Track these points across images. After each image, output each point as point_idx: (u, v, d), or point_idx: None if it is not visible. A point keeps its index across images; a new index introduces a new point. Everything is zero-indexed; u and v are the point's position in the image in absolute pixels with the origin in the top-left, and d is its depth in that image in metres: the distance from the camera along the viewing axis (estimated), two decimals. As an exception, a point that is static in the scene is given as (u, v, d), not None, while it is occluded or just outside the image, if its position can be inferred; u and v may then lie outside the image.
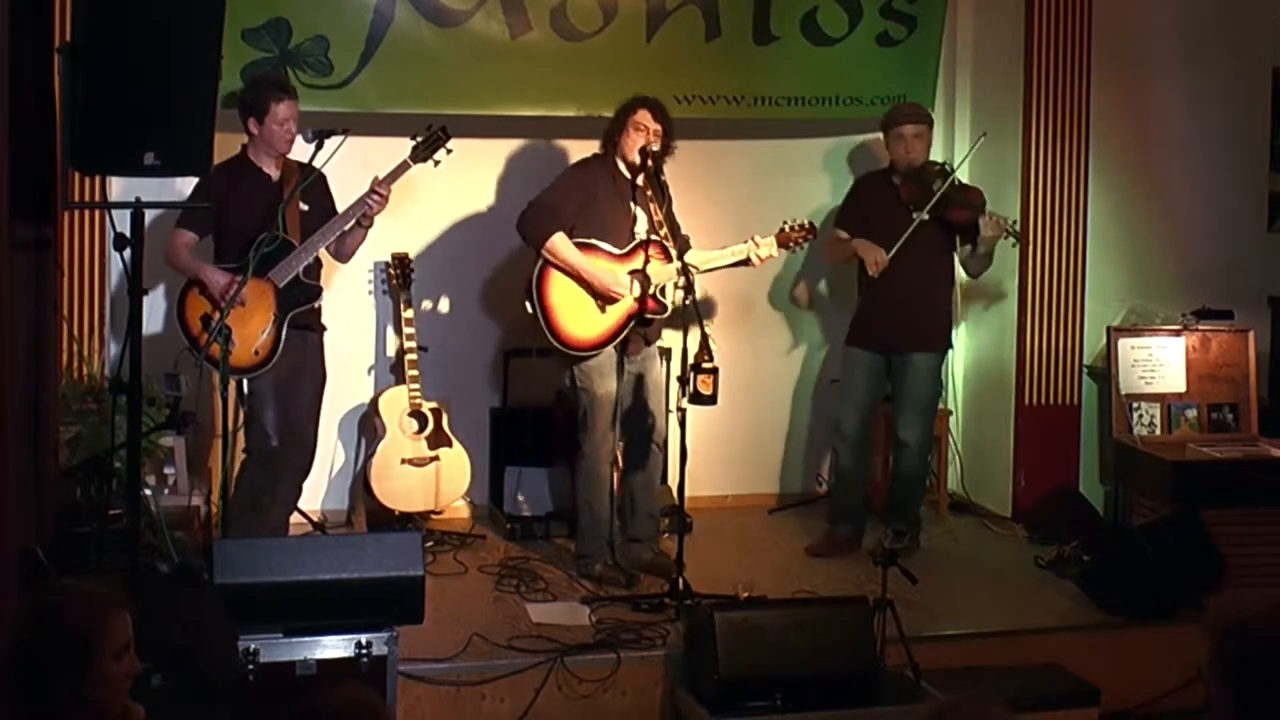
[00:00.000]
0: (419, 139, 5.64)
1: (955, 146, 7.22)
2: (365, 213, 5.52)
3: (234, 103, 5.59)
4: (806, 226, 5.91)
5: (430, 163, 5.65)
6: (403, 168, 5.58)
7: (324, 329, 5.74)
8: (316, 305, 5.62)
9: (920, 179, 6.21)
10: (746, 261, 5.91)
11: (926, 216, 6.13)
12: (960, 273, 6.56)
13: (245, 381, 5.50)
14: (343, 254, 5.73)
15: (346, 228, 5.55)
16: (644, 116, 5.77)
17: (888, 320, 6.23)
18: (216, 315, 5.28)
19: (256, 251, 5.31)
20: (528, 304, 5.79)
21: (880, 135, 6.42)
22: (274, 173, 5.57)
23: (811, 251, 6.59)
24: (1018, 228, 6.36)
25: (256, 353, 5.44)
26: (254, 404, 5.55)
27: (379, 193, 5.51)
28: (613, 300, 5.75)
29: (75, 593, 2.98)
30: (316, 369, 5.70)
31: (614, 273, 5.76)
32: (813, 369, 7.24)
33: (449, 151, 5.66)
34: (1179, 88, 7.07)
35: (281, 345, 5.45)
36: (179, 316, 5.47)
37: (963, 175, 6.35)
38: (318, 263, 5.64)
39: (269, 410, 5.53)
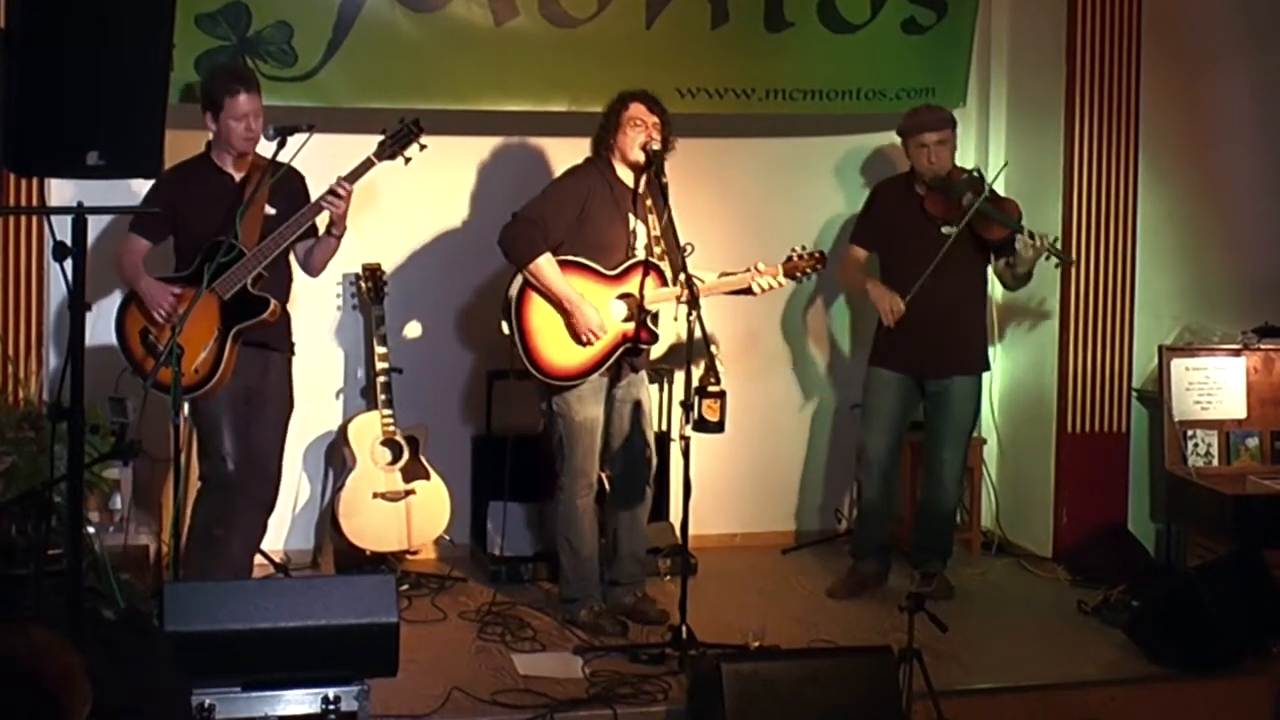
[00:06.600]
0: (388, 133, 5.61)
1: (990, 146, 7.24)
2: (331, 216, 5.50)
3: (191, 96, 5.60)
4: (816, 255, 5.88)
5: (400, 160, 5.59)
6: (366, 165, 5.53)
7: (292, 349, 5.73)
8: (269, 319, 5.50)
9: (948, 191, 6.20)
10: (747, 290, 5.90)
11: (955, 233, 6.13)
12: (995, 287, 6.57)
13: (187, 404, 5.44)
14: (310, 266, 5.72)
15: (310, 232, 5.54)
16: (639, 110, 5.77)
17: (920, 341, 6.23)
18: (159, 332, 5.29)
19: (211, 262, 5.32)
20: (504, 324, 5.79)
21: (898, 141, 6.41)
22: (236, 174, 5.56)
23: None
24: (1059, 246, 6.37)
25: (196, 370, 5.39)
26: (205, 427, 5.54)
27: (337, 193, 5.46)
28: (593, 338, 5.75)
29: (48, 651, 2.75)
30: (281, 393, 5.69)
31: (600, 307, 5.73)
32: (829, 396, 7.27)
33: (422, 148, 5.60)
34: (1239, 79, 7.03)
35: (224, 362, 5.42)
36: (119, 335, 5.48)
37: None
38: (287, 275, 5.64)
39: (223, 433, 5.51)
